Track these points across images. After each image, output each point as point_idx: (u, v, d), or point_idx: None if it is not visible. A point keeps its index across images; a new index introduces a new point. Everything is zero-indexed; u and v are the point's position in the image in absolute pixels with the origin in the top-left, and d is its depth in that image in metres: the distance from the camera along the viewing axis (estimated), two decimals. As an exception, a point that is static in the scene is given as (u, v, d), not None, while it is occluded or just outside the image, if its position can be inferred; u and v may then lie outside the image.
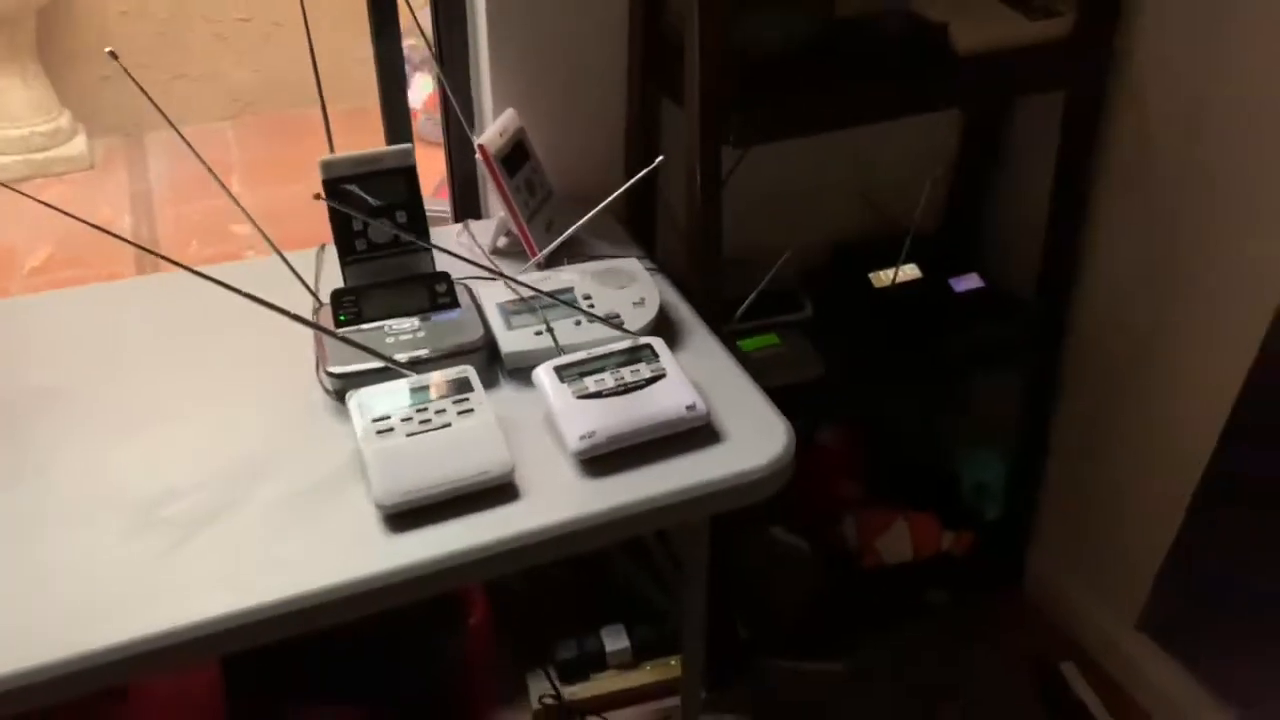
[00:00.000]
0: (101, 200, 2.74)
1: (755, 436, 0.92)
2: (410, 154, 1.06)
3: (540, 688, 1.42)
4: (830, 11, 1.15)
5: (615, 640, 1.49)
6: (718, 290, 1.15)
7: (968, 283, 1.41)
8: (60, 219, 0.87)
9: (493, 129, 1.12)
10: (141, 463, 0.88)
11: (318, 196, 0.96)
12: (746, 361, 1.27)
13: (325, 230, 1.05)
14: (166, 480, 0.86)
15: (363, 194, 1.04)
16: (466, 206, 1.31)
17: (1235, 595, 1.36)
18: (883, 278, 1.41)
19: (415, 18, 1.11)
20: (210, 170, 1.00)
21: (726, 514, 1.41)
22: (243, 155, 3.03)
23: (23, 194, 0.94)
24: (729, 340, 1.20)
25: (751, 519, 1.49)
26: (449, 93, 1.13)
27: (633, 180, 1.06)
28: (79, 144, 2.86)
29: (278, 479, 0.87)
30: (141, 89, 0.95)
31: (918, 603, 1.56)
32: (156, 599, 0.75)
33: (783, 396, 1.30)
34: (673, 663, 1.50)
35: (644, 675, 1.49)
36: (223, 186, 1.00)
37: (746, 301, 1.32)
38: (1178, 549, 1.37)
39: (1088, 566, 1.53)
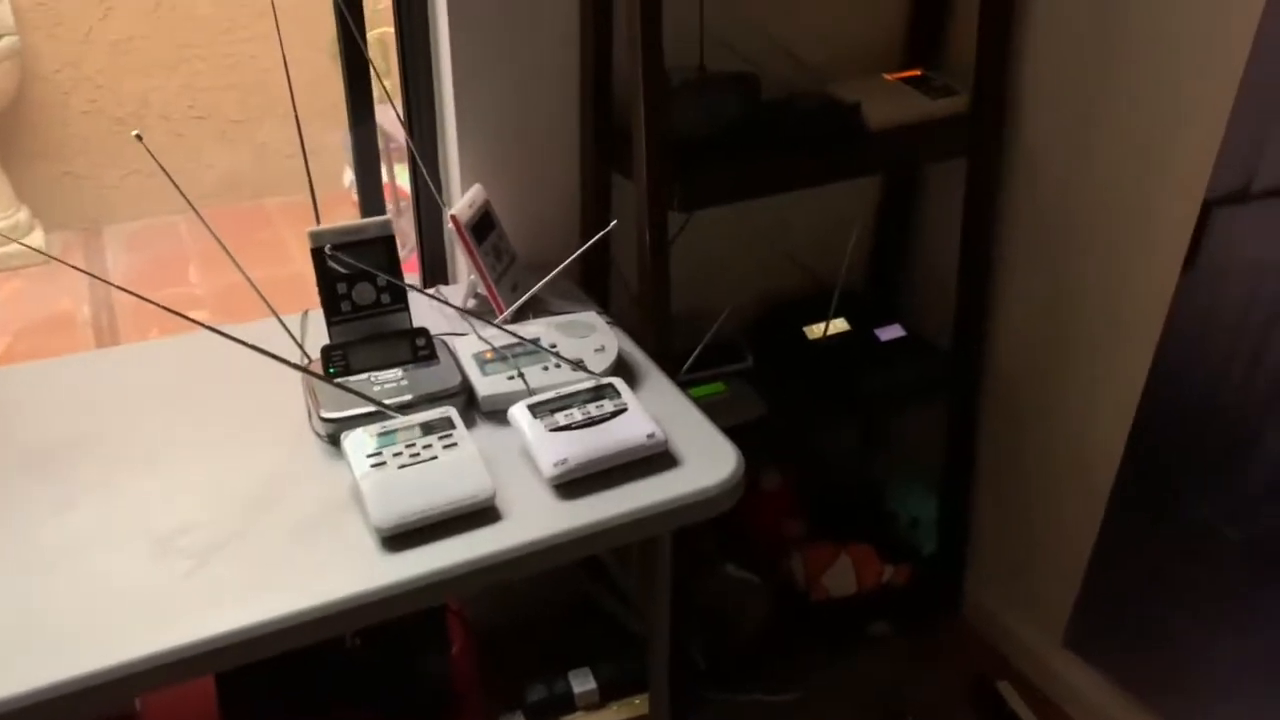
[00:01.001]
0: (60, 292, 2.80)
1: (708, 460, 1.04)
2: (389, 224, 1.18)
3: (513, 729, 1.49)
4: (757, 96, 1.31)
5: (582, 682, 1.56)
6: (669, 339, 1.28)
7: (891, 332, 1.56)
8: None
9: (463, 201, 1.25)
10: (158, 501, 0.97)
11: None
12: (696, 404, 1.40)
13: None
14: (182, 515, 0.95)
15: (351, 259, 1.16)
16: (435, 274, 1.43)
17: (1148, 610, 1.50)
18: (815, 330, 1.55)
19: (393, 103, 1.24)
20: (222, 244, 1.10)
21: (684, 551, 1.51)
22: (197, 246, 3.12)
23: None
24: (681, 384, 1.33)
25: (707, 557, 1.60)
26: (422, 169, 1.27)
27: (589, 243, 1.19)
28: (37, 238, 2.94)
29: (282, 512, 0.96)
30: (162, 166, 1.06)
31: (864, 634, 1.67)
32: (182, 615, 0.84)
33: (730, 437, 1.43)
34: (637, 701, 1.57)
35: (610, 714, 1.56)
36: (230, 255, 1.10)
37: (693, 355, 1.45)
38: (1092, 571, 1.51)
39: (1019, 591, 1.66)
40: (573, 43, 1.31)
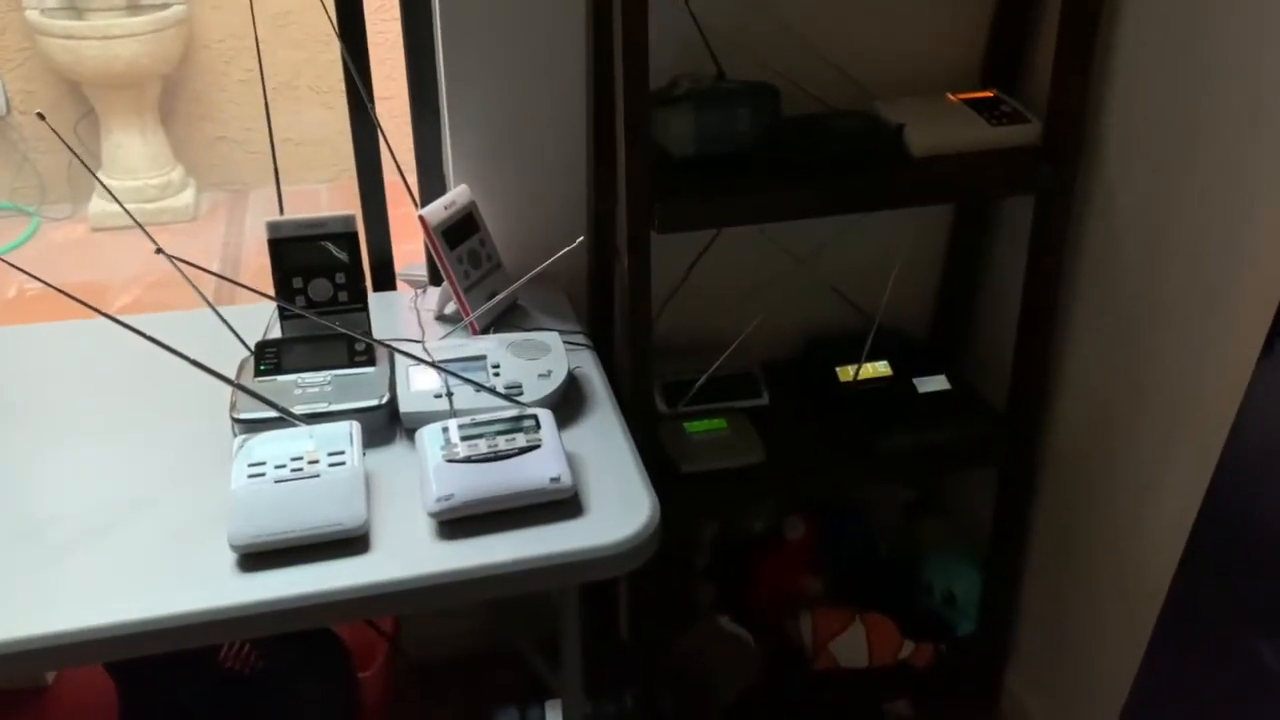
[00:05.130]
0: (196, 248, 2.96)
1: (619, 513, 0.93)
2: (352, 221, 1.13)
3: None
4: (774, 110, 1.17)
5: (559, 714, 1.48)
6: (647, 369, 1.16)
7: (933, 384, 1.38)
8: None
9: (438, 202, 1.19)
10: (48, 485, 0.96)
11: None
12: (687, 444, 1.29)
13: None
14: (64, 503, 0.93)
15: (308, 254, 1.12)
16: (433, 275, 1.38)
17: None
18: (848, 372, 1.40)
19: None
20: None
21: (672, 598, 1.39)
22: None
23: None
24: (651, 419, 1.22)
25: (700, 605, 1.48)
26: (399, 169, 1.22)
27: (553, 258, 1.10)
28: (186, 197, 3.11)
29: (164, 512, 0.93)
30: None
31: (877, 712, 1.50)
32: (14, 609, 0.82)
33: (722, 480, 1.31)
34: (616, 742, 1.48)
35: (585, 752, 1.48)
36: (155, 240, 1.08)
37: (696, 385, 1.33)
38: (1137, 694, 1.29)
39: (1062, 690, 1.45)
40: (581, 59, 1.22)
